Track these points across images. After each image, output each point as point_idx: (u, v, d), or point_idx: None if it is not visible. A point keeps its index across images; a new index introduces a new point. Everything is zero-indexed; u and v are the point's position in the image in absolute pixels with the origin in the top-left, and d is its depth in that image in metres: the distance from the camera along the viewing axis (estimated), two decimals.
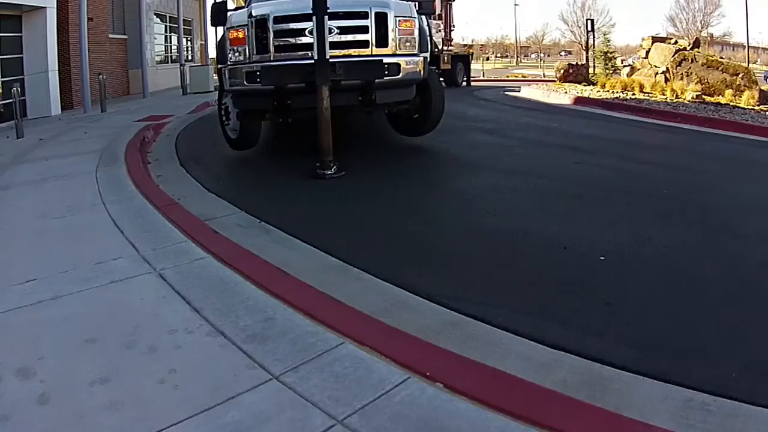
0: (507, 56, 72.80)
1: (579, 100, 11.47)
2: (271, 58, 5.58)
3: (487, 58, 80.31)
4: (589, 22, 19.47)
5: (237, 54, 5.75)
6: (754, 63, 60.98)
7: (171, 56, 24.21)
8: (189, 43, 27.41)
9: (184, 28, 24.47)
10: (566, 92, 12.63)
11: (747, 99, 10.60)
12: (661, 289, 2.92)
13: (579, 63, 18.49)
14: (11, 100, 13.47)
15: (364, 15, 5.65)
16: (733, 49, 74.17)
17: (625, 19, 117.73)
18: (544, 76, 30.85)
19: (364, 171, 5.62)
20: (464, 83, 20.75)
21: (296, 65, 5.40)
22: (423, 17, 17.32)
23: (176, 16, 22.43)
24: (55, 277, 3.01)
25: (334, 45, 5.46)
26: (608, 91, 12.34)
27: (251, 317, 2.46)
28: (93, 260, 3.19)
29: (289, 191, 5.06)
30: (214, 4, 7.45)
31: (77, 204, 4.52)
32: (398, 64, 5.69)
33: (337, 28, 5.55)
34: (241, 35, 5.70)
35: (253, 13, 5.66)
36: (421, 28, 6.16)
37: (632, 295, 2.87)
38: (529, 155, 6.24)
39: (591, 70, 18.83)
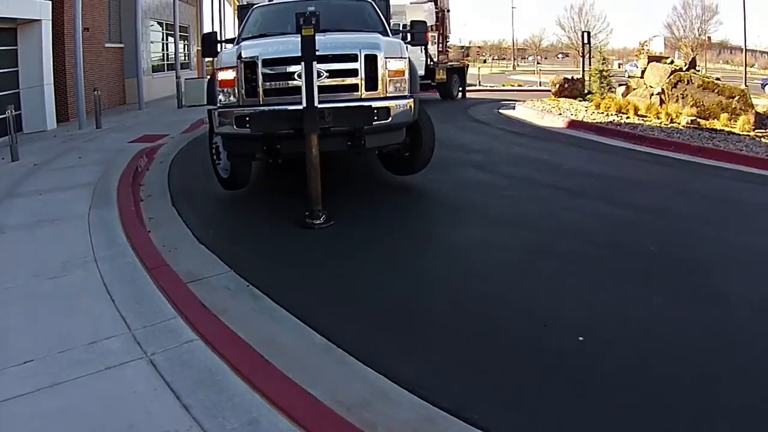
0: (505, 58, 72.96)
1: (573, 124, 11.58)
2: (261, 102, 5.67)
3: (485, 61, 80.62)
4: (585, 34, 19.51)
5: (226, 96, 5.83)
6: (752, 66, 61.23)
7: (167, 63, 24.24)
8: (185, 49, 27.47)
9: (180, 35, 24.55)
10: (560, 113, 12.75)
11: (742, 124, 10.70)
12: (639, 381, 3.02)
13: (574, 78, 18.60)
14: (5, 116, 13.59)
15: (354, 58, 5.71)
16: (731, 52, 74.49)
17: (623, 23, 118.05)
18: (540, 85, 30.99)
19: (353, 218, 5.72)
20: (459, 95, 20.89)
21: (286, 112, 5.47)
22: (418, 47, 17.47)
23: (172, 23, 22.48)
24: (53, 358, 3.12)
25: (323, 89, 5.53)
26: (603, 112, 12.45)
27: (237, 419, 2.57)
28: (87, 338, 3.30)
29: (278, 245, 5.17)
30: (205, 35, 7.59)
31: (71, 259, 4.62)
32: (388, 108, 5.77)
33: (327, 71, 5.63)
34: (230, 77, 5.77)
35: (243, 55, 5.73)
36: (411, 68, 6.20)
37: (608, 385, 2.98)
38: (519, 199, 6.33)
39: (586, 84, 18.97)
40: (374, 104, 5.67)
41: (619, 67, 69.45)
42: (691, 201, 6.36)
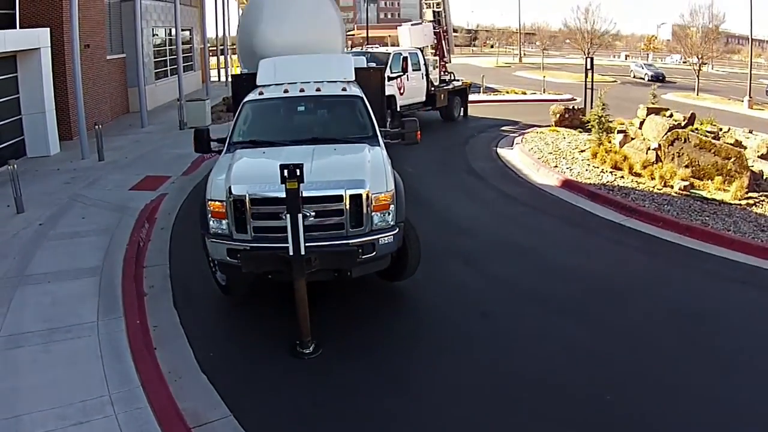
0: (511, 44, 72.29)
1: (566, 184, 11.91)
2: (251, 237, 6.04)
3: (492, 46, 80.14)
4: (588, 60, 19.64)
5: (218, 223, 6.19)
6: (758, 58, 60.77)
7: (170, 69, 24.32)
8: (189, 51, 27.44)
9: (182, 39, 24.52)
10: (556, 165, 13.05)
11: (735, 190, 10.96)
12: None
13: (575, 108, 18.87)
14: (7, 144, 13.89)
15: (339, 198, 5.98)
16: (738, 42, 73.84)
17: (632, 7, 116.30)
18: (543, 92, 31.06)
19: (341, 342, 6.11)
20: (462, 115, 21.08)
21: (275, 255, 5.79)
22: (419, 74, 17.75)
23: (174, 27, 22.53)
24: None
25: (310, 227, 5.84)
26: (598, 166, 12.75)
27: None
28: None
29: (269, 378, 5.61)
30: (197, 132, 7.84)
31: (89, 398, 5.10)
32: (373, 243, 6.11)
33: (313, 212, 5.95)
34: (221, 209, 6.13)
35: (232, 191, 6.03)
36: (398, 193, 6.47)
37: None
38: (499, 325, 6.57)
39: (588, 112, 19.16)
40: (360, 240, 6.01)
41: (626, 59, 69.35)
42: (671, 324, 6.56)
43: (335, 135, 7.35)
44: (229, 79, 31.32)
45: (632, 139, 13.83)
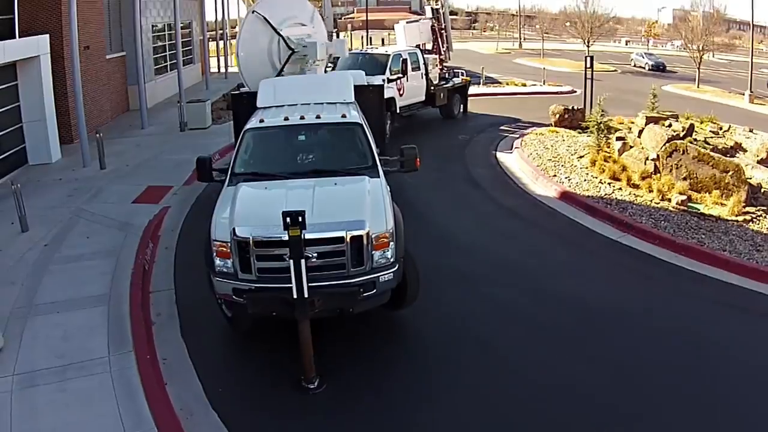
0: (511, 28, 71.72)
1: (564, 196, 12.09)
2: (255, 278, 6.27)
3: (492, 28, 79.57)
4: (588, 59, 19.66)
5: (223, 264, 6.39)
6: (759, 44, 60.37)
7: (170, 64, 24.25)
8: (188, 45, 27.33)
9: (182, 32, 24.39)
10: (554, 175, 13.21)
11: (732, 206, 11.10)
12: None
13: (574, 108, 18.94)
14: (9, 153, 14.01)
15: (340, 240, 6.19)
16: (740, 28, 73.40)
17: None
18: (544, 83, 31.05)
19: (344, 381, 6.35)
20: (462, 112, 21.16)
21: (279, 297, 6.03)
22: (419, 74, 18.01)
23: (173, 22, 22.45)
24: None
25: (312, 268, 6.05)
26: (596, 177, 12.91)
27: None
28: None
29: (278, 415, 5.88)
30: (199, 161, 7.97)
31: None
32: (374, 281, 6.35)
33: (316, 253, 6.14)
34: (225, 249, 6.34)
35: (236, 233, 6.23)
36: (397, 227, 6.68)
37: None
38: (496, 367, 6.69)
39: (587, 111, 19.27)
40: (361, 280, 6.26)
41: (626, 45, 68.92)
42: (664, 364, 6.79)
43: (335, 166, 7.54)
44: (229, 70, 31.39)
45: (631, 147, 13.98)
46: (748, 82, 30.86)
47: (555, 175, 13.25)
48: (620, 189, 12.29)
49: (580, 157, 14.78)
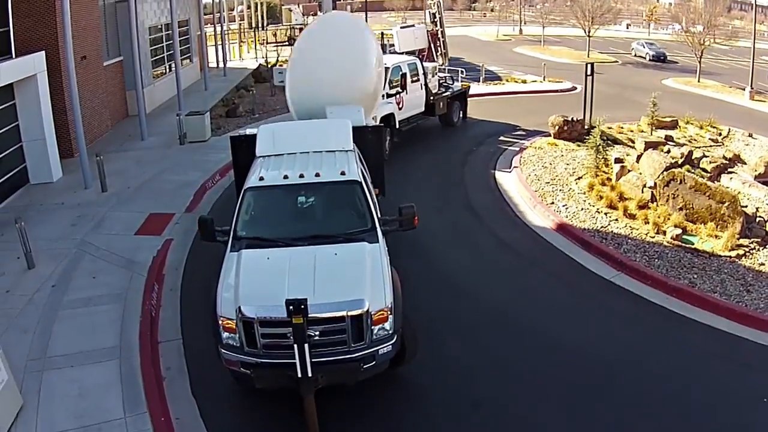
0: (511, 9, 71.00)
1: (561, 228, 12.43)
2: (260, 353, 6.69)
3: (492, 10, 78.86)
4: (588, 66, 19.81)
5: (230, 337, 6.80)
6: (761, 25, 59.89)
7: (167, 65, 24.26)
8: (186, 43, 27.25)
9: (179, 30, 24.32)
10: (552, 203, 13.53)
11: (727, 240, 11.42)
12: None
13: (574, 119, 19.15)
14: (10, 174, 14.26)
15: (341, 319, 6.60)
16: (741, 8, 72.86)
17: None
18: (544, 80, 31.16)
19: None
20: (460, 120, 21.35)
21: (285, 374, 6.41)
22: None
23: (170, 22, 22.41)
24: None
25: (315, 344, 6.43)
26: (593, 205, 13.23)
27: None
28: None
29: None
30: (201, 221, 8.19)
31: None
32: (374, 354, 6.80)
33: (318, 330, 6.56)
34: (232, 325, 6.73)
35: (242, 311, 6.61)
36: (396, 299, 7.05)
37: None
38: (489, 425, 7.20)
39: (586, 118, 19.51)
40: (362, 354, 6.69)
41: (627, 28, 68.41)
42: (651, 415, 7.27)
43: (335, 229, 7.83)
44: (228, 65, 31.38)
45: (629, 171, 14.27)
46: (750, 74, 30.72)
47: (552, 203, 13.58)
48: (616, 220, 12.63)
49: (578, 178, 15.10)
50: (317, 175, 8.28)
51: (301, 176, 8.29)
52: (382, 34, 31.85)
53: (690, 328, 9.29)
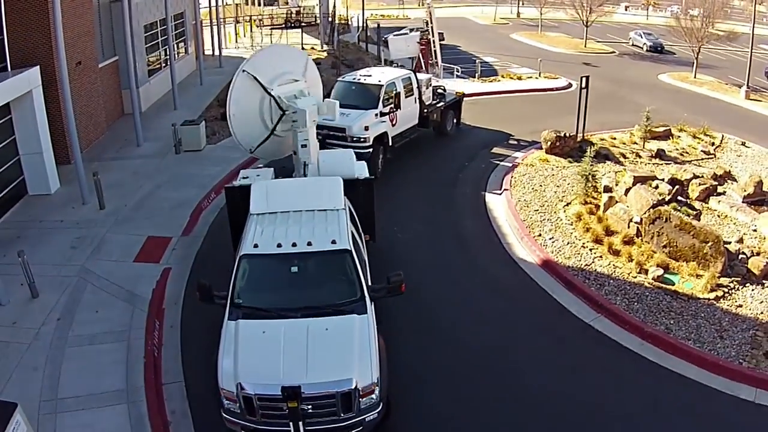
0: None
1: (546, 264, 13.10)
2: (259, 421, 7.51)
3: None
4: (583, 79, 20.24)
5: (231, 405, 7.59)
6: (761, 5, 59.51)
7: (163, 60, 24.34)
8: (182, 36, 27.21)
9: (174, 25, 24.33)
10: (539, 235, 14.16)
11: (706, 281, 12.05)
12: None
13: (567, 135, 19.67)
14: (10, 187, 14.71)
15: (332, 396, 7.41)
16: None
17: None
18: (540, 76, 31.48)
19: None
20: (454, 128, 21.80)
21: None
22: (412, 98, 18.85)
23: (165, 17, 22.47)
24: None
25: (308, 415, 7.36)
26: (580, 238, 13.87)
27: None
28: None
29: None
30: (200, 286, 8.79)
31: None
32: (361, 422, 7.61)
33: (310, 404, 7.38)
34: (232, 396, 7.52)
35: (242, 387, 7.40)
36: (382, 372, 7.82)
37: None
38: None
39: (580, 132, 20.06)
40: (350, 422, 7.52)
41: (626, 10, 68.08)
42: None
43: (326, 300, 8.50)
44: (223, 53, 31.33)
45: (617, 202, 14.87)
46: (747, 69, 30.95)
47: (540, 235, 14.22)
48: (601, 257, 13.30)
49: (567, 204, 15.71)
50: (309, 244, 8.82)
51: (294, 245, 8.82)
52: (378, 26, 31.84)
53: (659, 377, 9.89)
